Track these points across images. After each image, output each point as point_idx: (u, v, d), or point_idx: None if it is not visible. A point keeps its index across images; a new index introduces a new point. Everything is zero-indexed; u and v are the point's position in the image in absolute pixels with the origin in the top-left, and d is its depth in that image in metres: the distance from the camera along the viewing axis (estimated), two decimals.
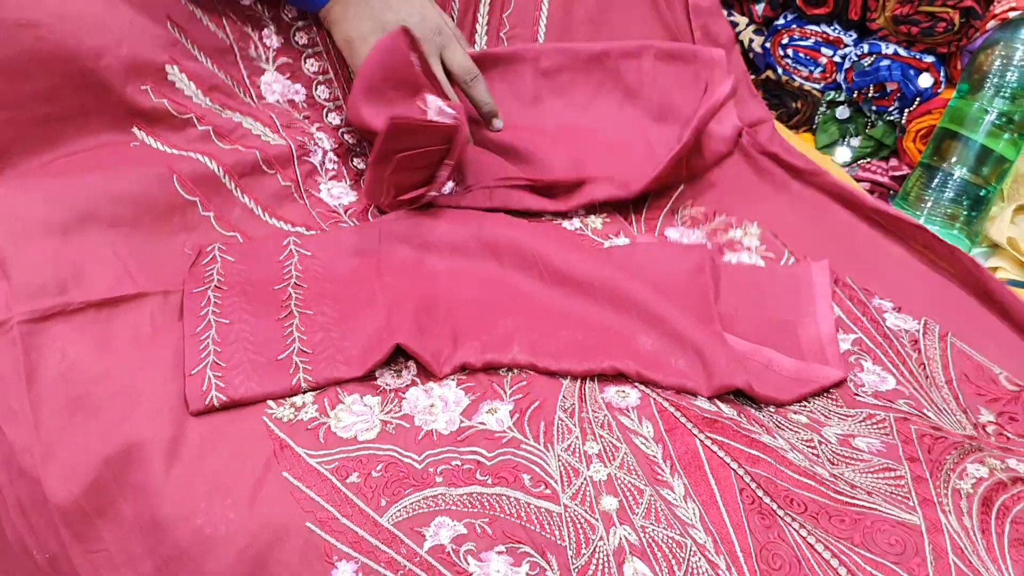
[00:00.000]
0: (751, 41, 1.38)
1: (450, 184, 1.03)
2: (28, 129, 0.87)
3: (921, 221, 1.19)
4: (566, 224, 1.04)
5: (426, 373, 0.79)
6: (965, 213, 1.19)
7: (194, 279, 0.86)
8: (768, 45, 1.38)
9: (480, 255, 0.90)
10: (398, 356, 0.80)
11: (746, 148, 1.14)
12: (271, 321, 0.82)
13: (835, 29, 1.32)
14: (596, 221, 1.04)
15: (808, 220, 1.03)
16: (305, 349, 0.79)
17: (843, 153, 1.36)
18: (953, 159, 1.19)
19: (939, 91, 1.26)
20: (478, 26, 1.13)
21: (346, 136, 1.07)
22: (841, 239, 1.01)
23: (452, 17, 1.12)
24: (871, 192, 1.31)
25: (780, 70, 1.38)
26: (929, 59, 1.26)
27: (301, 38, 1.06)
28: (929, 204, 1.19)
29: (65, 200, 0.83)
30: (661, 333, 0.79)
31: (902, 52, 1.26)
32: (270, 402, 0.76)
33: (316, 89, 1.07)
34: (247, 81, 1.02)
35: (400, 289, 0.85)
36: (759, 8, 1.40)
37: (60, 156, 0.87)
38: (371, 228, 0.95)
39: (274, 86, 1.03)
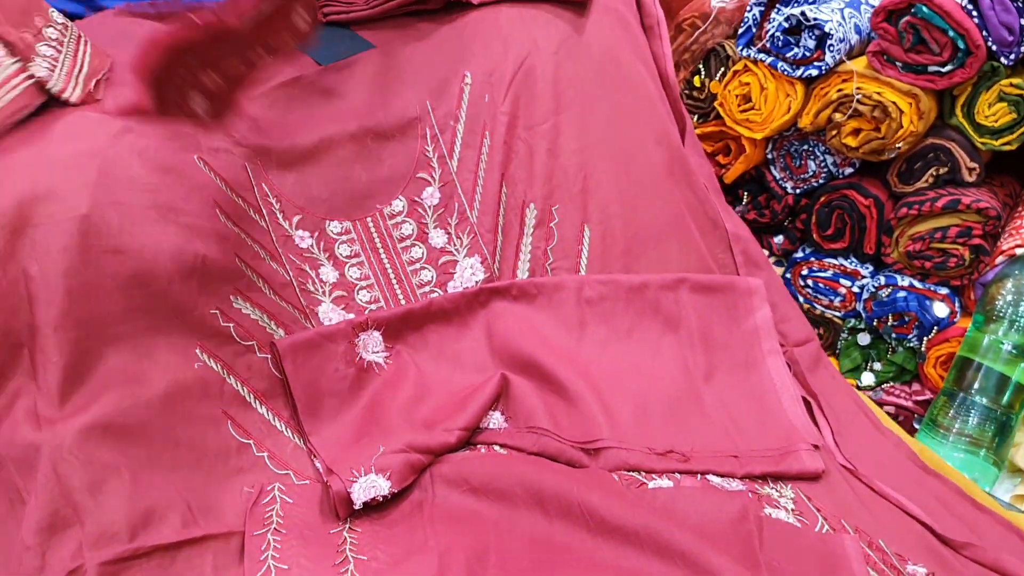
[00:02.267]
0: None
1: (499, 416, 1.08)
2: (101, 348, 0.92)
3: (947, 447, 1.22)
4: None
5: None
6: (990, 438, 1.22)
7: (254, 521, 0.90)
8: (789, 275, 1.46)
9: (526, 504, 0.93)
10: None
11: None
12: (327, 567, 0.86)
13: (852, 262, 1.40)
14: None
15: (841, 489, 1.07)
16: None
17: (867, 377, 1.41)
18: (974, 387, 1.23)
19: (955, 320, 1.33)
20: (521, 255, 1.21)
21: None
22: (873, 506, 1.05)
23: (497, 243, 1.20)
24: (896, 416, 1.35)
25: (802, 299, 1.45)
26: (944, 290, 1.33)
27: (354, 272, 1.14)
28: (955, 430, 1.23)
29: (132, 447, 0.90)
30: None
31: (917, 284, 1.34)
32: None
33: None
34: (307, 310, 1.09)
35: (451, 537, 0.88)
36: (778, 241, 1.49)
37: (124, 377, 0.93)
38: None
39: (331, 315, 1.10)
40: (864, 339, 1.43)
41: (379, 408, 1.05)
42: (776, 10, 1.34)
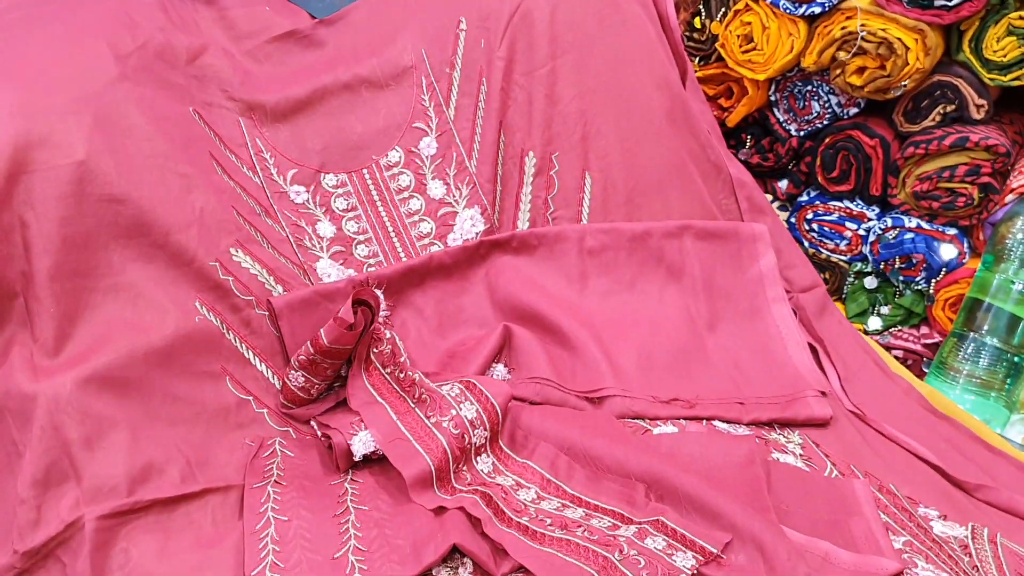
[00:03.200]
0: None
1: (502, 369, 1.07)
2: (96, 297, 0.92)
3: (957, 390, 1.21)
4: None
5: (482, 571, 0.80)
6: (1001, 380, 1.20)
7: (254, 473, 0.89)
8: (794, 220, 1.44)
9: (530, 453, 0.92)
10: (453, 552, 0.81)
11: None
12: (328, 517, 0.85)
13: (858, 204, 1.38)
14: None
15: (849, 434, 1.06)
16: (360, 547, 0.81)
17: (874, 322, 1.39)
18: (984, 328, 1.21)
19: (964, 261, 1.30)
20: (521, 204, 1.19)
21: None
22: (882, 450, 1.03)
23: (496, 193, 1.18)
24: (904, 361, 1.33)
25: (807, 243, 1.43)
26: (952, 231, 1.30)
27: (351, 226, 1.12)
28: (965, 373, 1.21)
29: (130, 400, 0.89)
30: (718, 527, 0.80)
31: (925, 225, 1.31)
32: None
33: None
34: (305, 266, 1.08)
35: None
36: (783, 185, 1.46)
37: (122, 328, 0.92)
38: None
39: (330, 270, 1.09)
40: (871, 283, 1.40)
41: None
42: None
